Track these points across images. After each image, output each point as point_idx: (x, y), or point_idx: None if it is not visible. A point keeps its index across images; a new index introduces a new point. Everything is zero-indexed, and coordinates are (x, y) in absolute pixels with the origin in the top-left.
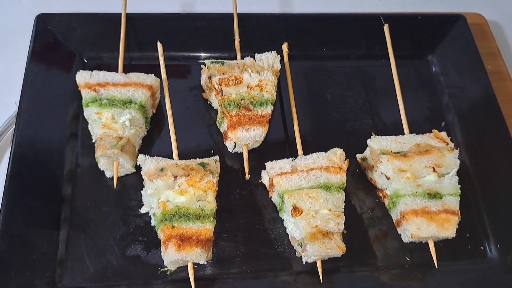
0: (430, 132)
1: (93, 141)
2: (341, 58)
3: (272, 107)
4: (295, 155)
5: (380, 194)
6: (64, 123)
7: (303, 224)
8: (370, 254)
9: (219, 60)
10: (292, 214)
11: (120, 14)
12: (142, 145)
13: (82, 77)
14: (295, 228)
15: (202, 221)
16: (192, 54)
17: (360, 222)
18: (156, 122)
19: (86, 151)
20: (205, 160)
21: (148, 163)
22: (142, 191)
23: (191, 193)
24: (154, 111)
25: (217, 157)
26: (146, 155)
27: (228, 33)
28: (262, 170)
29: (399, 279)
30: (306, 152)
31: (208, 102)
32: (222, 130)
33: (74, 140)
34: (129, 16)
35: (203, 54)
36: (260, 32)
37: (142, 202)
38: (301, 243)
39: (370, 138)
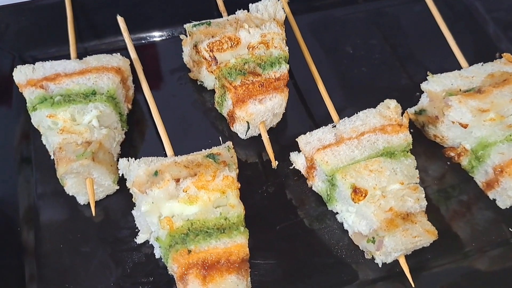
0: None
1: (52, 157)
2: (350, 2)
3: (288, 66)
4: (326, 124)
5: (452, 154)
6: (10, 148)
7: (372, 210)
8: (454, 237)
9: (204, 21)
10: (353, 199)
11: None
12: (122, 152)
13: (22, 73)
14: (358, 220)
15: (229, 235)
16: (164, 30)
17: (426, 198)
18: (135, 121)
19: (46, 175)
20: (214, 149)
21: (135, 168)
22: (133, 212)
23: (204, 198)
24: (130, 106)
25: (229, 143)
26: (130, 158)
27: None
28: (291, 153)
29: (502, 261)
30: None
31: (199, 83)
32: (225, 112)
33: (27, 165)
34: None
35: (177, 29)
36: None
37: (137, 227)
38: (373, 238)
39: (426, 81)
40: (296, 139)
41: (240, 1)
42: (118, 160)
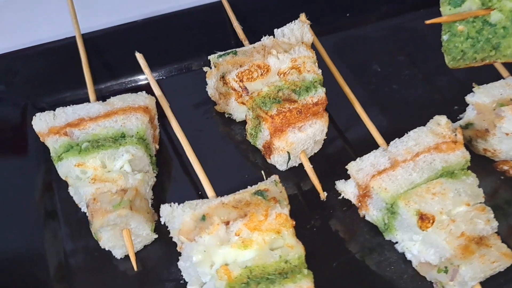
0: None
1: (82, 209)
2: (370, 20)
3: (324, 89)
4: (369, 150)
5: (506, 167)
6: (32, 202)
7: (443, 237)
8: None
9: (229, 51)
10: (420, 227)
11: (74, 37)
12: (154, 197)
13: (42, 121)
14: (425, 248)
15: (293, 280)
16: (183, 63)
17: None
18: (162, 161)
19: (75, 229)
20: (261, 185)
21: (180, 214)
22: (179, 263)
23: (259, 240)
24: (157, 147)
25: (275, 176)
26: (173, 203)
27: (222, 26)
28: (337, 181)
29: None
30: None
31: (227, 115)
32: (260, 143)
33: (53, 220)
34: (86, 38)
35: (195, 62)
36: (262, 14)
37: (183, 279)
38: (446, 267)
39: (472, 93)
40: (346, 167)
41: (258, 28)
42: (152, 206)
